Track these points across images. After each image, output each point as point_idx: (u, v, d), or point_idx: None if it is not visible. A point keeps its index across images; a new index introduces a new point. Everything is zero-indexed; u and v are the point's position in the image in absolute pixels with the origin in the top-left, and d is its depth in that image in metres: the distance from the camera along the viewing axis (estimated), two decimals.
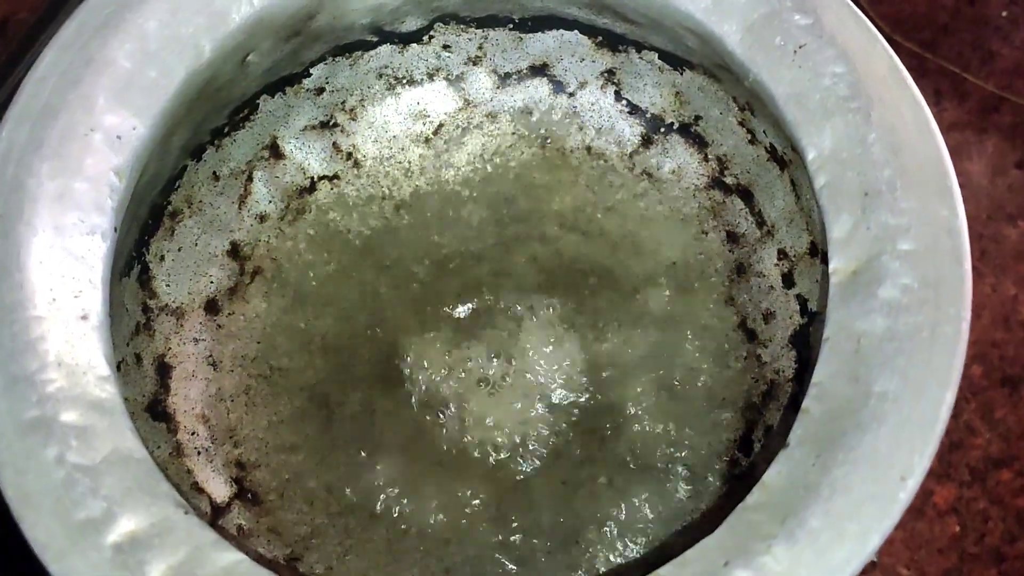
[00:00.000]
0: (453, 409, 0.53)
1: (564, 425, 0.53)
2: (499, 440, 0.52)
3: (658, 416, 0.53)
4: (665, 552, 0.48)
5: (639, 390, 0.53)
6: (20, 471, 0.36)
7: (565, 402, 0.53)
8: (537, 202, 0.59)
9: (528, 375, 0.54)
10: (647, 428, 0.53)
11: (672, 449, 0.52)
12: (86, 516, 0.36)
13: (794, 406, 0.51)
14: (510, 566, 0.50)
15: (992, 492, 0.64)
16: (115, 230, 0.43)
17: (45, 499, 0.36)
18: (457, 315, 0.56)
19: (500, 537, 0.50)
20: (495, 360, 0.54)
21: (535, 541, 0.50)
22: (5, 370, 0.38)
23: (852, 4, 0.45)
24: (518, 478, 0.52)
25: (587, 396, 0.53)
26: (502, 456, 0.52)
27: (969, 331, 0.38)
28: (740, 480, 0.51)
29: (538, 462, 0.52)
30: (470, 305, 0.56)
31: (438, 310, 0.56)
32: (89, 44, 0.44)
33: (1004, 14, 0.77)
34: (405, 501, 0.51)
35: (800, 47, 0.44)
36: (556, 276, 0.56)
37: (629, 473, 0.51)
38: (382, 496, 0.52)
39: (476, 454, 0.52)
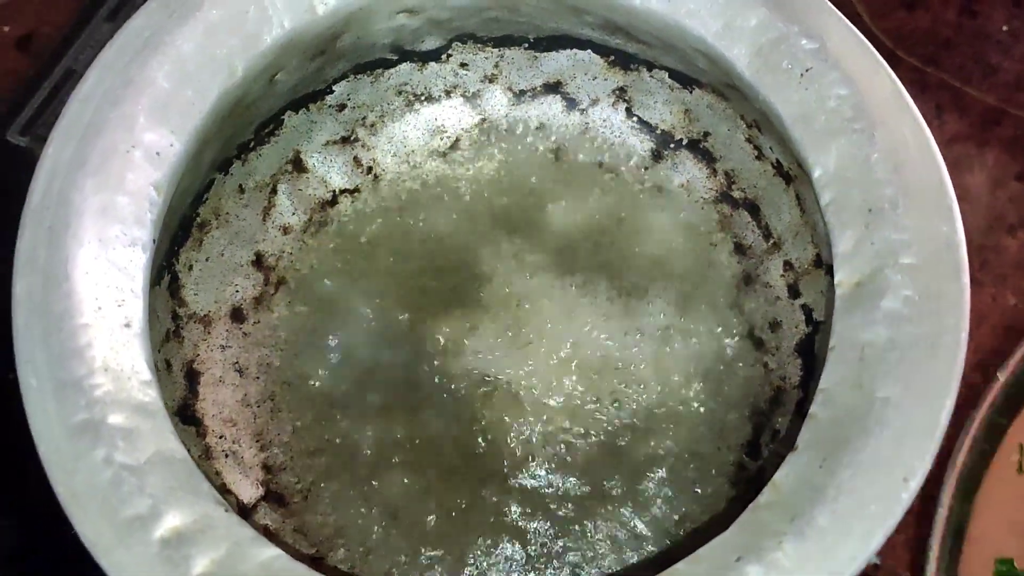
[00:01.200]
0: (473, 414, 0.55)
1: (578, 434, 0.55)
2: (519, 444, 0.54)
3: (669, 422, 0.55)
4: (677, 552, 0.50)
5: (651, 397, 0.55)
6: (70, 471, 0.39)
7: (581, 410, 0.55)
8: (551, 215, 0.61)
9: (542, 385, 0.56)
10: (658, 435, 0.55)
11: (683, 454, 0.54)
12: (133, 513, 0.38)
13: (800, 412, 0.53)
14: (524, 566, 0.52)
15: None
16: (154, 242, 0.45)
17: (94, 497, 0.38)
18: (473, 322, 0.58)
19: (519, 546, 0.52)
20: (510, 367, 0.56)
21: (549, 540, 0.52)
22: (55, 375, 0.40)
23: (856, 30, 0.47)
24: (535, 482, 0.53)
25: (599, 404, 0.55)
26: (523, 460, 0.54)
27: (969, 341, 0.41)
28: (748, 483, 0.53)
29: (554, 466, 0.54)
30: (486, 315, 0.58)
31: (456, 318, 0.58)
32: (129, 66, 0.46)
33: (1005, 28, 0.79)
34: (427, 502, 0.53)
35: (806, 70, 0.46)
36: (568, 286, 0.58)
37: (641, 477, 0.53)
38: (404, 498, 0.54)
39: (497, 458, 0.54)
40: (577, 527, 0.52)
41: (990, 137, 0.76)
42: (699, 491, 0.53)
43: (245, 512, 0.53)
